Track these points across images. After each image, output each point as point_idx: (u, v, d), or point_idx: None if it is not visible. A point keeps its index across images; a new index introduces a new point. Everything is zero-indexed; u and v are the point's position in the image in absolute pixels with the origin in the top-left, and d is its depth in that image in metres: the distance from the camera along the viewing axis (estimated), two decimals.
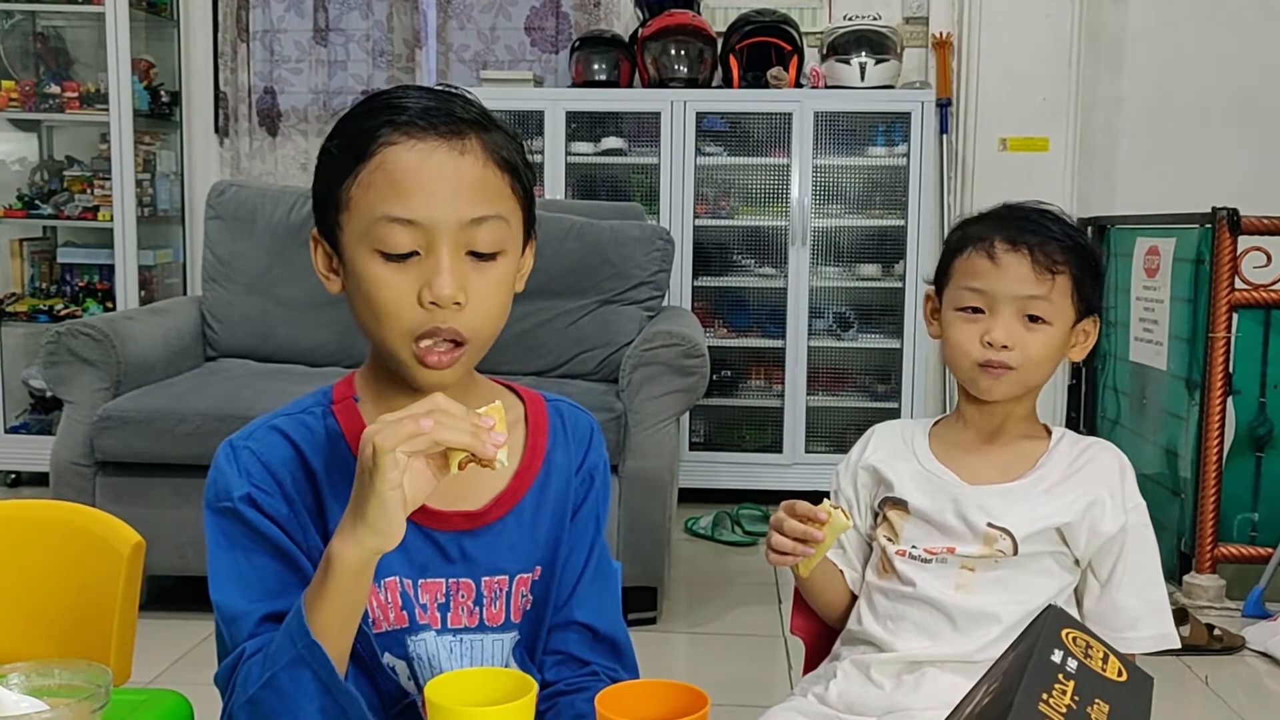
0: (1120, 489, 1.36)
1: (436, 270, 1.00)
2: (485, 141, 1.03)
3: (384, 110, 1.02)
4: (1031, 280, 1.34)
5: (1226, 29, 4.39)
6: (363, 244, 1.02)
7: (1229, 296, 3.21)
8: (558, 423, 1.17)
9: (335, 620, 0.96)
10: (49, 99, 4.28)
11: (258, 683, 0.97)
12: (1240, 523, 3.36)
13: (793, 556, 1.31)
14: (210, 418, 2.86)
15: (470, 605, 1.10)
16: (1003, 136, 4.29)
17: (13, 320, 4.32)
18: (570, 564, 1.15)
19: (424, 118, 1.01)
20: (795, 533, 1.30)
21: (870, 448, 1.47)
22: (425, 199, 1.00)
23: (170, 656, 2.69)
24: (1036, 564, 1.34)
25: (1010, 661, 0.89)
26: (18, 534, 1.40)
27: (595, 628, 1.15)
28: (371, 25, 4.60)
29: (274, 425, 1.09)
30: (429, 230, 1.00)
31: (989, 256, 1.35)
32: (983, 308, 1.35)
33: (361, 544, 0.93)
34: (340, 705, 0.96)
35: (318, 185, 1.06)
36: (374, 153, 1.01)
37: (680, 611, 3.20)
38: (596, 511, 1.18)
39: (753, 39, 4.21)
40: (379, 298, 1.01)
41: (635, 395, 2.98)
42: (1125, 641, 1.32)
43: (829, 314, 4.32)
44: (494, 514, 1.10)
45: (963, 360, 1.36)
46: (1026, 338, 1.34)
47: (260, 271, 3.48)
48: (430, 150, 1.01)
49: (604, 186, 4.34)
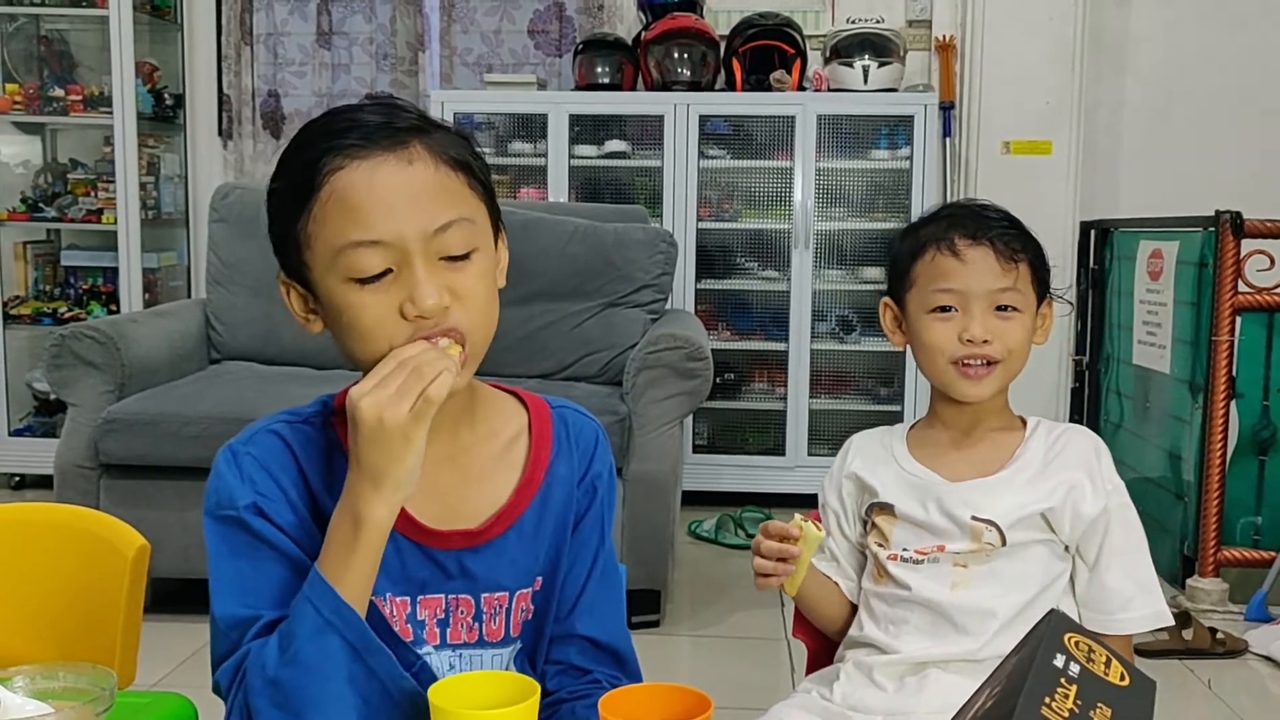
0: (1098, 470, 1.37)
1: (415, 284, 0.98)
2: (430, 145, 1.01)
3: (321, 138, 1.00)
4: (999, 272, 1.35)
5: (1230, 32, 4.39)
6: (332, 275, 0.99)
7: (1232, 300, 3.20)
8: (562, 432, 1.15)
9: (362, 583, 0.98)
10: (53, 102, 4.29)
11: (277, 662, 0.96)
12: (1243, 526, 3.36)
13: (776, 577, 1.34)
14: (215, 420, 2.86)
15: (470, 621, 1.09)
16: (1006, 139, 4.29)
17: (17, 323, 4.33)
18: (572, 576, 1.14)
19: (363, 136, 0.99)
20: (772, 553, 1.34)
21: (850, 457, 1.47)
22: (385, 216, 0.97)
23: (175, 659, 2.69)
24: (1027, 553, 1.35)
25: (1012, 666, 0.89)
26: (22, 537, 1.40)
27: (597, 639, 1.14)
28: (375, 28, 4.61)
29: (273, 430, 1.08)
30: (397, 247, 0.98)
31: (954, 254, 1.36)
32: (954, 306, 1.36)
33: (391, 500, 0.97)
34: (370, 667, 0.96)
35: (274, 229, 1.04)
36: (321, 184, 0.98)
37: (683, 614, 3.20)
38: (600, 522, 1.16)
39: (756, 42, 4.21)
40: (362, 323, 0.99)
41: (639, 398, 2.99)
42: (1120, 623, 1.34)
43: (832, 317, 4.32)
44: (494, 531, 1.09)
45: (939, 360, 1.37)
46: (1003, 328, 1.35)
47: (264, 274, 3.47)
48: (376, 166, 0.98)
49: (607, 189, 4.34)
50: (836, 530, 1.47)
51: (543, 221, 3.44)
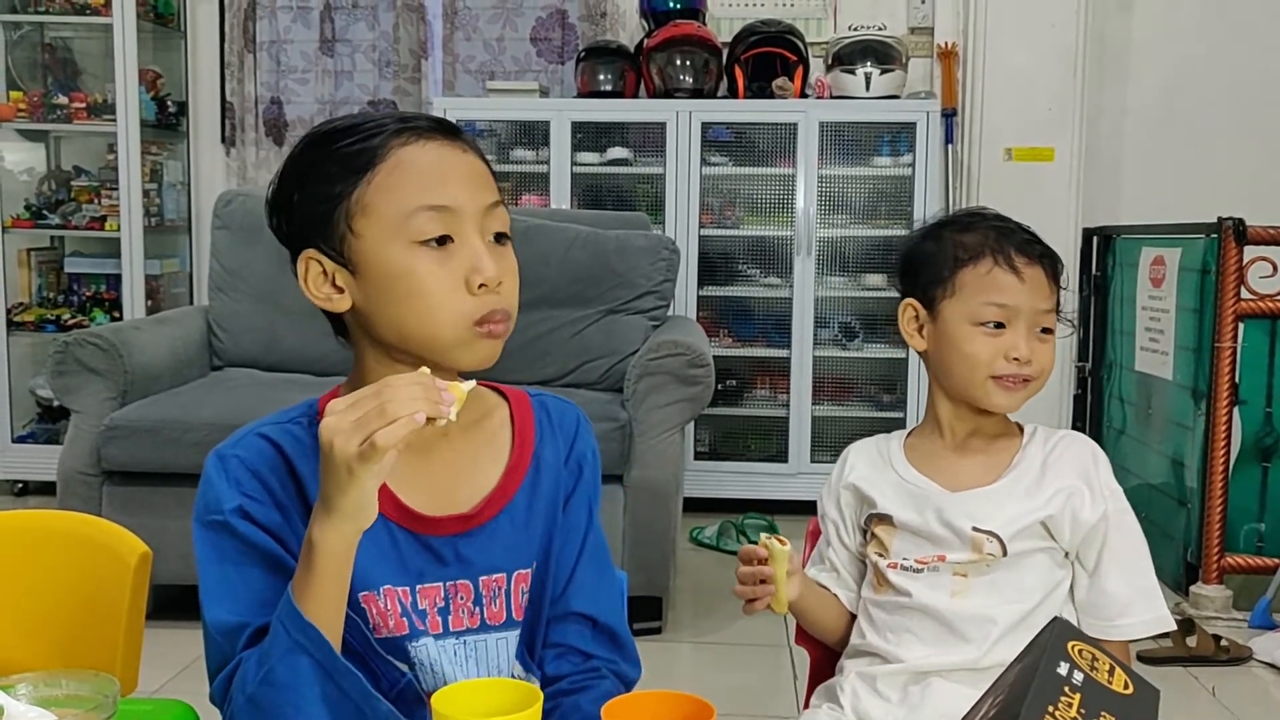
0: (1096, 477, 1.36)
1: (477, 254, 1.04)
2: (473, 145, 1.10)
3: (374, 129, 1.06)
4: (1047, 294, 1.36)
5: (1232, 38, 4.39)
6: (395, 241, 1.03)
7: (1235, 306, 3.20)
8: (543, 417, 1.18)
9: (326, 604, 0.96)
10: (57, 109, 4.30)
11: (255, 679, 0.96)
12: (1247, 533, 3.36)
13: (760, 600, 1.36)
14: (216, 427, 2.86)
15: (470, 606, 1.10)
16: (1008, 146, 4.29)
17: (20, 330, 4.33)
18: (564, 554, 1.15)
19: (421, 123, 1.07)
20: (748, 578, 1.36)
21: (849, 466, 1.47)
22: (451, 186, 1.05)
23: (176, 666, 2.69)
24: (1028, 562, 1.34)
25: (1016, 674, 0.89)
26: (25, 544, 1.40)
27: (594, 617, 1.16)
28: (378, 36, 4.62)
29: (261, 433, 1.09)
30: (458, 215, 1.04)
31: (1014, 270, 1.34)
32: (1004, 322, 1.35)
33: (341, 530, 0.95)
34: (341, 688, 0.96)
35: (304, 208, 1.07)
36: (387, 154, 1.04)
37: (685, 621, 3.19)
38: (588, 500, 1.18)
39: (758, 49, 4.22)
40: (426, 288, 1.03)
41: (640, 405, 2.99)
42: (1120, 629, 1.33)
43: (834, 324, 4.32)
44: (486, 514, 1.11)
45: (978, 372, 1.35)
46: (1040, 349, 1.35)
47: (266, 281, 3.49)
48: (439, 146, 1.06)
49: (609, 196, 4.35)
50: (836, 541, 1.47)
51: (544, 228, 3.44)
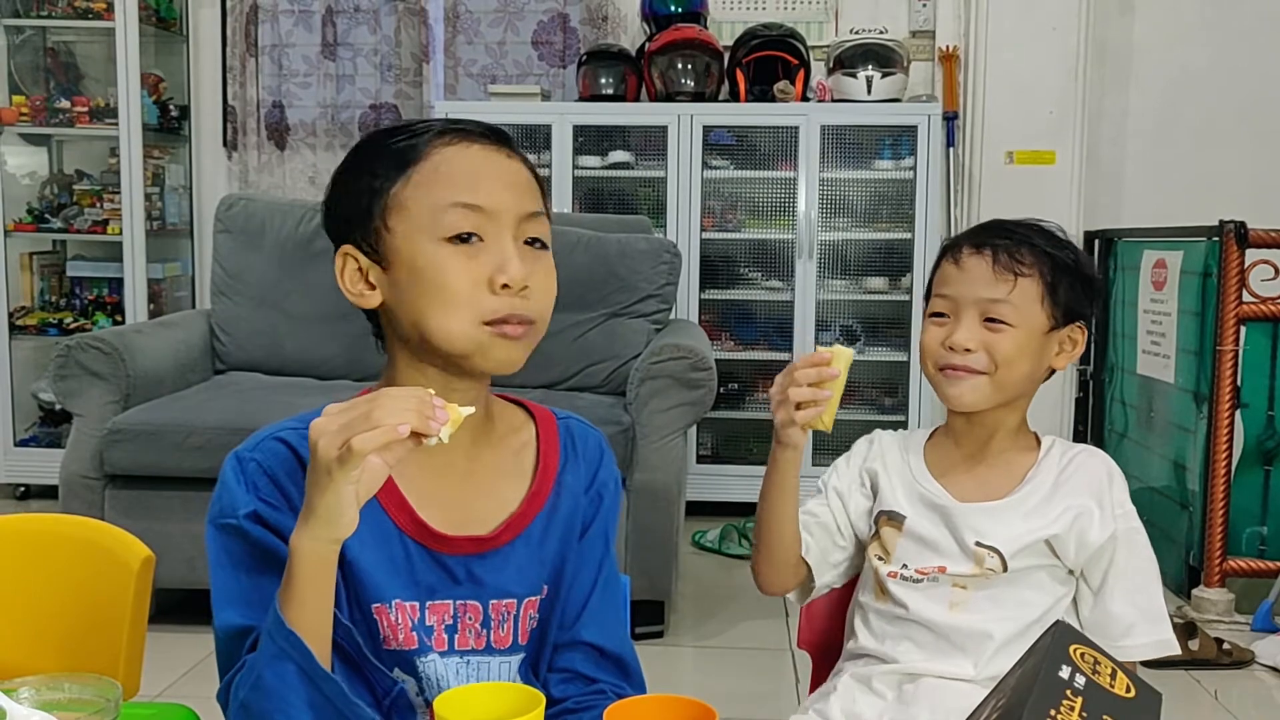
0: (1109, 496, 1.35)
1: (505, 256, 1.04)
2: (521, 155, 1.11)
3: (422, 129, 1.07)
4: (990, 281, 1.33)
5: (1233, 42, 4.39)
6: (425, 235, 1.04)
7: (1236, 309, 3.20)
8: (568, 441, 1.17)
9: (308, 610, 0.96)
10: (59, 113, 4.30)
11: (246, 685, 0.97)
12: (1249, 536, 3.36)
13: (815, 405, 1.26)
14: (219, 431, 2.87)
15: (477, 628, 1.10)
16: (1009, 149, 4.30)
17: (22, 334, 4.33)
18: (578, 583, 1.14)
19: (468, 127, 1.08)
20: (809, 379, 1.26)
21: (874, 453, 1.47)
22: (488, 188, 1.05)
23: (179, 670, 2.69)
24: (1029, 579, 1.33)
25: (1017, 677, 0.89)
26: (27, 547, 1.40)
27: (602, 647, 1.15)
28: (380, 40, 4.62)
29: (279, 436, 1.08)
30: (492, 216, 1.04)
31: (955, 262, 1.36)
32: (948, 313, 1.36)
33: (317, 537, 0.93)
34: (326, 695, 0.95)
35: (348, 204, 1.08)
36: (427, 155, 1.05)
37: (688, 625, 3.19)
38: (605, 529, 1.18)
39: (759, 53, 4.22)
40: (448, 282, 1.03)
41: (643, 408, 2.99)
42: (1122, 649, 1.31)
43: (836, 327, 4.32)
44: (503, 538, 1.10)
45: (928, 364, 1.38)
46: (990, 340, 1.32)
47: (269, 285, 3.49)
48: (483, 150, 1.07)
49: (611, 199, 4.35)
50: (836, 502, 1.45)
51: None
